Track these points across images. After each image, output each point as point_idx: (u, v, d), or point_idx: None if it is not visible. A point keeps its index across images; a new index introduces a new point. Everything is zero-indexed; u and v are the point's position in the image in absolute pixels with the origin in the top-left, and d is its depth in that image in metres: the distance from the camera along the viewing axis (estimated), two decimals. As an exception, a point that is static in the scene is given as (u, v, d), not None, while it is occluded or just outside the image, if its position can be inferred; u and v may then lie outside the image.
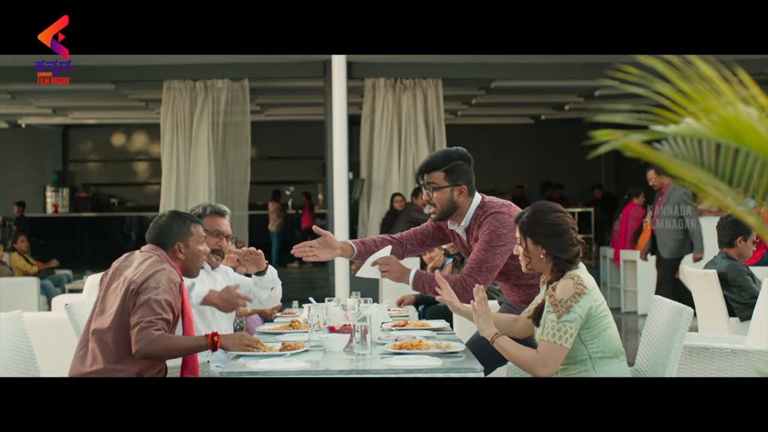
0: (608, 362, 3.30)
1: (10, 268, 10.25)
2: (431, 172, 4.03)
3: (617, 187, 18.13)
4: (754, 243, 5.72)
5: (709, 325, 5.72)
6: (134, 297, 3.49)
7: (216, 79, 11.28)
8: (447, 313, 6.22)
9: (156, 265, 3.59)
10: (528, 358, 3.27)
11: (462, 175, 4.03)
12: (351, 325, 3.86)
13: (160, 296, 3.48)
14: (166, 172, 11.32)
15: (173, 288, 3.56)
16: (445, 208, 4.05)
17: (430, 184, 4.03)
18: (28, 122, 17.62)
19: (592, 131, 1.80)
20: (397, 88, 11.40)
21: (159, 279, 3.52)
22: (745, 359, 4.01)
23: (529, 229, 3.38)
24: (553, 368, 3.24)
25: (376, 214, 11.42)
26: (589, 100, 14.08)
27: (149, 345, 3.43)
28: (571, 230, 3.36)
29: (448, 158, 4.03)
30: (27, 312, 4.11)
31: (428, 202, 4.08)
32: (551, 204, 3.46)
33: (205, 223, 4.23)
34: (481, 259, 3.92)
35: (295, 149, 19.09)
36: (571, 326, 3.22)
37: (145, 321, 3.43)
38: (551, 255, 3.35)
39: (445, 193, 4.02)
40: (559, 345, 3.22)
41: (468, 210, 4.05)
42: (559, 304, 3.23)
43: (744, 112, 1.72)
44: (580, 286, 3.25)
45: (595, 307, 3.26)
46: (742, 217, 1.88)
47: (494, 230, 3.91)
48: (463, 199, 4.04)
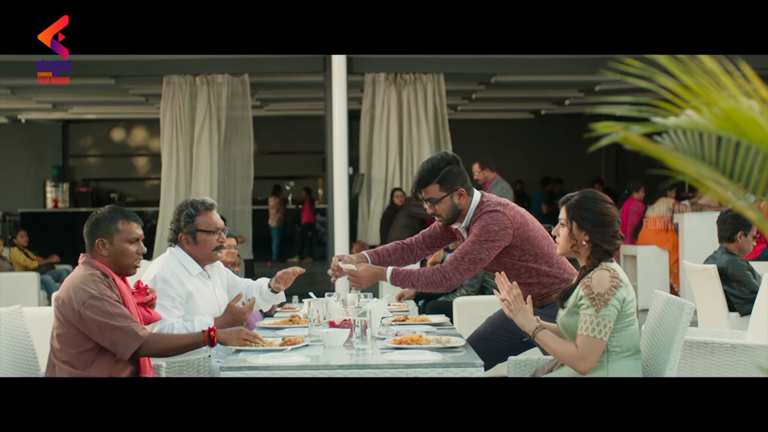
0: (624, 359, 3.29)
1: (11, 263, 10.24)
2: (425, 187, 4.05)
3: (617, 182, 18.13)
4: (754, 238, 5.72)
5: (709, 320, 5.71)
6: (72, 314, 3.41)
7: (216, 74, 11.26)
8: (447, 308, 6.22)
9: (75, 276, 3.50)
10: (567, 353, 3.26)
11: (456, 179, 4.03)
12: (351, 320, 3.86)
13: (100, 300, 3.40)
14: (166, 167, 11.31)
15: (102, 286, 3.45)
16: (450, 214, 4.08)
17: (429, 199, 4.05)
18: (28, 117, 17.60)
19: (594, 123, 1.79)
20: (397, 83, 11.39)
21: (85, 286, 3.43)
22: (745, 354, 4.01)
23: (576, 213, 3.38)
24: (592, 363, 3.23)
25: (376, 209, 11.41)
26: (589, 95, 14.06)
27: (144, 348, 3.42)
28: (616, 222, 3.37)
29: (436, 169, 4.03)
30: (27, 307, 4.10)
31: (433, 214, 4.11)
32: (602, 194, 3.44)
33: (201, 223, 4.19)
34: (465, 251, 3.94)
35: (295, 144, 19.09)
36: (609, 320, 3.21)
37: (122, 325, 3.39)
38: (593, 242, 3.35)
39: (445, 202, 4.05)
40: (598, 339, 3.21)
41: (468, 210, 4.07)
42: (597, 298, 3.22)
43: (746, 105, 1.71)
44: (616, 279, 3.25)
45: (627, 302, 3.26)
46: (743, 211, 1.87)
47: (485, 226, 3.93)
48: (464, 201, 4.06)
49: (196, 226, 4.18)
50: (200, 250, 4.18)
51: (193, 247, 4.18)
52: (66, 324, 3.44)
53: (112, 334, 3.39)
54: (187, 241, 4.18)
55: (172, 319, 4.00)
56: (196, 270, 4.18)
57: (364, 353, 3.53)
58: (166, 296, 4.02)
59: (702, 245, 8.66)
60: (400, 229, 10.15)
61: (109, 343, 3.41)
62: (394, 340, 3.73)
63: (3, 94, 13.38)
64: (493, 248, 3.93)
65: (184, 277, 4.13)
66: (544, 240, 4.05)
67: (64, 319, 3.45)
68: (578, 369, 3.24)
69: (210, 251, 4.20)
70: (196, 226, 4.18)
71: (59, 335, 3.47)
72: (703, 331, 4.74)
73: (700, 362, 4.07)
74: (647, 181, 11.30)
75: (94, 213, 3.66)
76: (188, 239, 4.18)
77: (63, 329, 3.46)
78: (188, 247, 4.19)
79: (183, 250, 4.20)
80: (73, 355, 3.44)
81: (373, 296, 4.65)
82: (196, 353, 3.89)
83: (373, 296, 4.63)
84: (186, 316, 4.08)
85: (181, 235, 4.18)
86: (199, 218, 4.19)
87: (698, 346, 4.07)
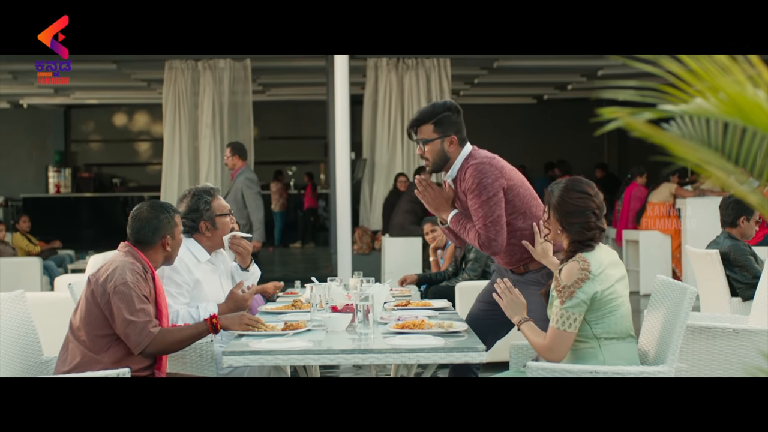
0: (615, 343, 3.30)
1: (13, 248, 10.26)
2: (420, 126, 4.09)
3: (620, 166, 18.10)
4: (756, 223, 5.71)
5: (712, 304, 5.72)
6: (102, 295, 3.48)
7: (218, 58, 11.23)
8: (449, 292, 6.22)
9: (117, 261, 3.57)
10: (538, 345, 3.32)
11: (451, 126, 4.07)
12: (353, 304, 3.86)
13: (131, 290, 3.47)
14: (167, 152, 11.31)
15: (139, 279, 3.53)
16: (438, 159, 4.09)
17: (421, 138, 4.08)
18: (30, 102, 17.58)
19: (599, 108, 1.78)
20: (400, 68, 11.36)
21: (123, 273, 3.50)
22: (747, 339, 4.01)
23: (553, 203, 3.38)
24: (560, 354, 3.25)
25: (378, 194, 11.41)
26: (592, 80, 14.03)
27: (152, 345, 3.47)
28: (590, 214, 3.33)
29: (435, 112, 4.08)
30: (29, 292, 4.12)
31: (422, 156, 4.13)
32: (582, 183, 3.40)
33: (216, 208, 4.24)
34: (482, 216, 3.96)
35: (297, 129, 19.06)
36: (574, 312, 3.22)
37: (139, 321, 3.45)
38: (566, 233, 3.35)
39: (435, 145, 4.07)
40: (564, 331, 3.23)
41: (456, 160, 4.09)
42: (563, 290, 3.24)
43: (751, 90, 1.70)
44: (584, 271, 3.24)
45: (601, 291, 3.25)
46: (745, 197, 1.87)
47: (479, 183, 3.95)
48: (454, 149, 4.08)
49: (213, 211, 4.23)
50: (218, 235, 4.24)
51: (212, 233, 4.23)
52: (93, 302, 3.51)
53: (127, 327, 3.46)
54: (207, 228, 4.22)
55: (177, 305, 4.02)
56: (204, 257, 4.22)
57: (366, 338, 3.53)
58: (173, 283, 4.05)
59: (704, 230, 8.66)
60: (403, 214, 10.15)
61: (123, 334, 3.48)
62: (397, 324, 3.74)
63: (4, 79, 13.36)
64: (497, 201, 3.96)
65: (192, 264, 4.16)
66: (533, 200, 4.08)
67: (93, 297, 3.51)
68: (548, 359, 3.27)
69: (225, 234, 4.26)
70: (214, 211, 4.23)
71: (84, 312, 3.52)
72: (706, 315, 4.74)
73: (702, 347, 4.08)
74: (650, 166, 11.27)
75: (141, 213, 3.68)
76: (208, 225, 4.22)
77: (88, 306, 3.52)
78: (207, 234, 4.22)
79: (194, 238, 4.23)
80: (91, 336, 3.50)
81: (376, 281, 4.65)
82: (199, 338, 3.91)
83: (375, 281, 4.64)
84: (191, 302, 4.10)
85: (202, 223, 4.22)
86: (214, 203, 4.25)
87: (700, 330, 4.08)
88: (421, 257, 9.17)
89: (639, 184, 11.19)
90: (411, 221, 10.01)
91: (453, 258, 7.01)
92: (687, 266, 9.49)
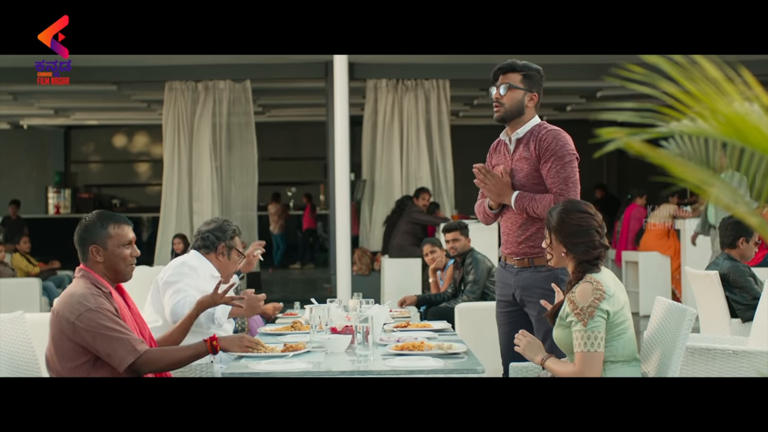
0: (621, 366, 3.27)
1: (12, 269, 10.25)
2: (509, 72, 4.06)
3: (619, 187, 18.11)
4: (756, 244, 5.71)
5: (711, 326, 5.71)
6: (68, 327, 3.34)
7: (218, 80, 11.28)
8: (449, 314, 6.21)
9: (74, 289, 3.42)
10: (569, 372, 3.25)
11: (536, 84, 4.07)
12: (353, 326, 3.85)
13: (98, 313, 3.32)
14: (167, 173, 11.32)
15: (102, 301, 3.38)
16: (513, 108, 4.04)
17: (506, 82, 4.05)
18: (30, 123, 17.63)
19: (598, 129, 1.79)
20: (399, 89, 11.40)
21: (83, 300, 3.35)
22: (746, 360, 4.00)
23: (553, 226, 3.38)
24: (594, 376, 3.21)
25: (377, 215, 11.42)
26: (591, 101, 14.07)
27: (148, 364, 3.35)
28: (593, 232, 3.33)
29: (528, 66, 4.08)
30: (29, 313, 4.10)
31: (496, 101, 4.07)
32: (580, 204, 3.42)
33: (238, 243, 4.48)
34: (564, 177, 3.90)
35: (296, 150, 19.09)
36: (599, 331, 3.20)
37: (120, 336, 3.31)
38: (572, 255, 3.34)
39: (518, 94, 4.04)
40: (594, 352, 3.20)
41: (528, 122, 4.05)
42: (582, 312, 3.20)
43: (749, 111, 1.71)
44: (599, 291, 3.22)
45: (613, 312, 3.24)
46: (744, 218, 1.87)
47: (563, 146, 3.92)
48: (531, 108, 4.07)
49: (234, 244, 4.46)
50: (227, 267, 4.45)
51: (223, 260, 4.43)
52: (61, 337, 3.37)
53: (108, 345, 3.31)
54: (222, 253, 4.43)
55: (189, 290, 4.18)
56: (216, 274, 4.38)
57: (365, 359, 3.52)
58: (186, 277, 4.21)
59: (704, 251, 8.65)
60: (402, 235, 10.15)
61: (104, 353, 3.33)
62: (396, 346, 3.73)
63: (5, 99, 13.40)
64: (576, 167, 3.95)
65: (206, 276, 4.32)
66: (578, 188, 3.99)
67: (59, 332, 3.38)
68: None
69: (230, 273, 4.48)
70: (234, 244, 4.47)
71: (54, 348, 3.40)
72: (705, 337, 4.73)
73: (702, 368, 4.07)
74: (650, 187, 11.29)
75: (83, 220, 3.54)
76: (224, 251, 4.43)
77: (58, 342, 3.39)
78: (220, 258, 4.43)
79: (208, 258, 4.42)
80: (67, 369, 3.36)
81: (375, 302, 4.65)
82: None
83: (374, 302, 4.64)
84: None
85: (221, 245, 4.42)
86: (237, 239, 4.50)
87: (700, 352, 4.07)
88: (421, 278, 9.16)
89: (639, 205, 11.20)
90: (410, 242, 10.01)
91: (452, 279, 7.01)
92: (687, 287, 9.47)
